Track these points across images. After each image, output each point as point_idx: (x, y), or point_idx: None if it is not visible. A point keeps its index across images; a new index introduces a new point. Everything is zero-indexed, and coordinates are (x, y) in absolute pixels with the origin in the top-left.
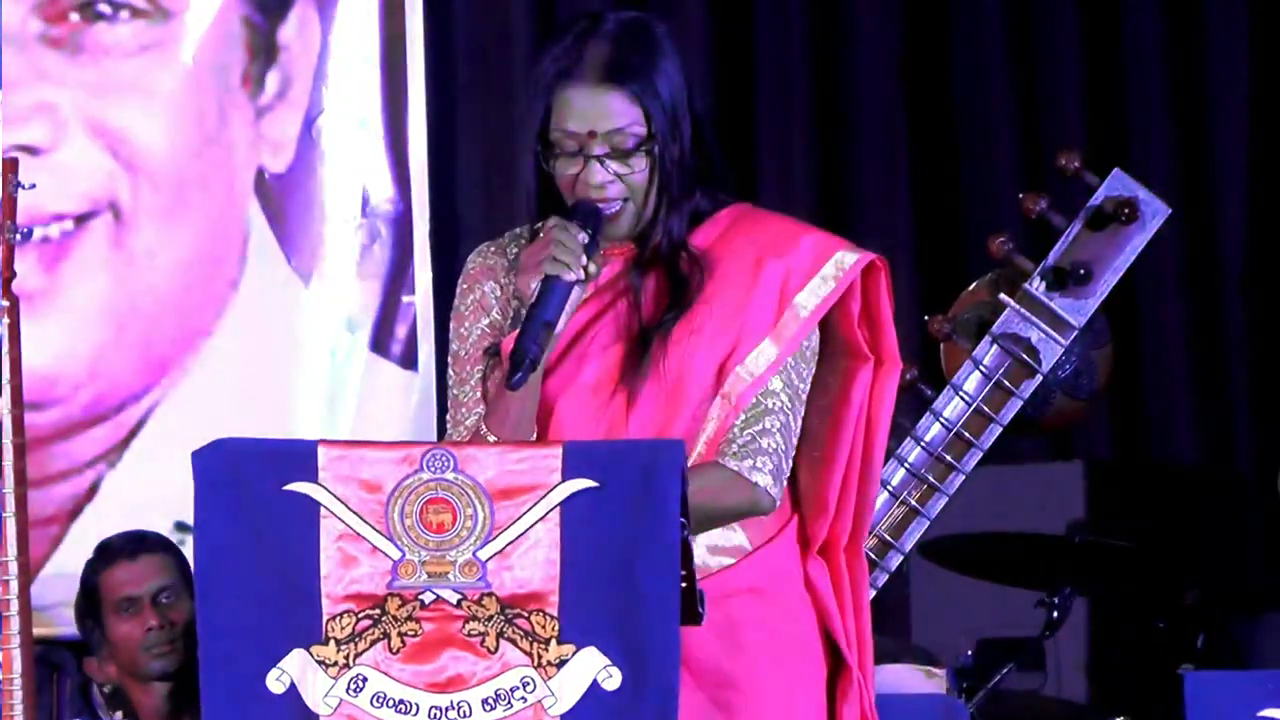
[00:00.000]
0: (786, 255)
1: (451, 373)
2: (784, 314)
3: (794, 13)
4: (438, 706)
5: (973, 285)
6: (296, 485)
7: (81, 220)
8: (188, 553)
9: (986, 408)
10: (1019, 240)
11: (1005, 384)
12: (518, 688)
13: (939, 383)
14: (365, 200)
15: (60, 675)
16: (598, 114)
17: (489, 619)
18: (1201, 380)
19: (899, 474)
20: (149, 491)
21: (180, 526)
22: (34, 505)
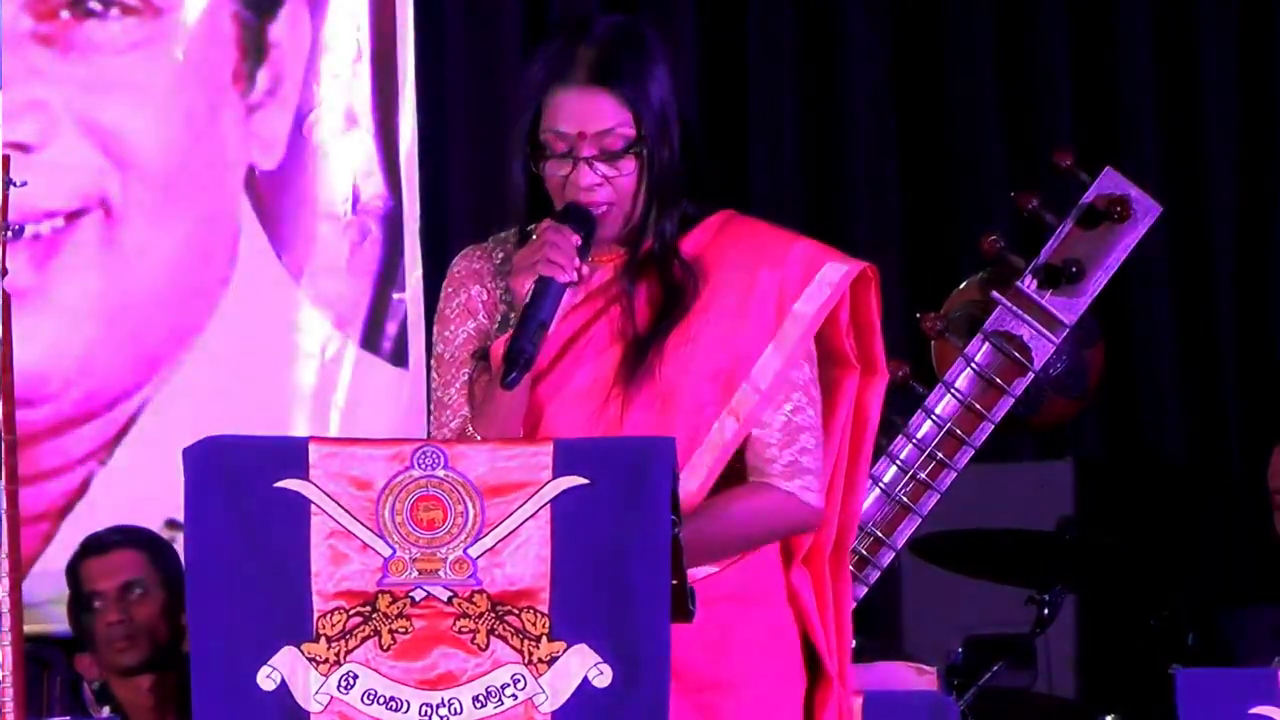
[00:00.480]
0: (780, 264)
1: (435, 375)
2: (784, 322)
3: (785, 12)
4: (428, 704)
5: (964, 283)
6: (287, 482)
7: (72, 217)
8: (180, 550)
9: (978, 405)
10: (1011, 238)
11: (997, 382)
12: (508, 685)
13: (930, 381)
14: (356, 198)
15: (50, 672)
16: (587, 115)
17: (480, 616)
18: (1192, 379)
19: (891, 471)
20: (140, 489)
21: (171, 524)
22: (25, 503)
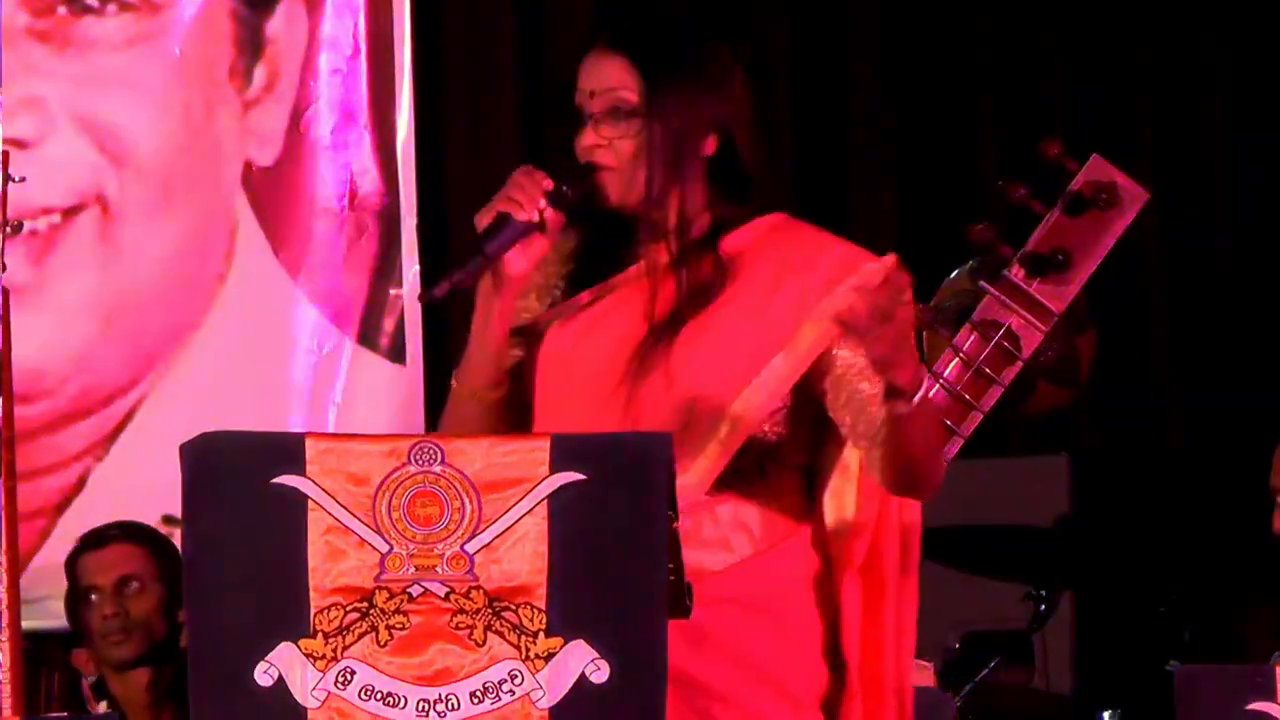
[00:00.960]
0: (810, 268)
1: None
2: (802, 326)
3: (782, 6)
4: (425, 699)
5: (954, 273)
6: (284, 478)
7: (69, 214)
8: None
9: (968, 396)
10: (999, 228)
11: (986, 371)
12: (505, 680)
13: None
14: (353, 194)
15: (48, 668)
16: (595, 74)
17: (477, 612)
18: (1188, 372)
19: None
20: (137, 484)
21: (168, 519)
22: (21, 499)
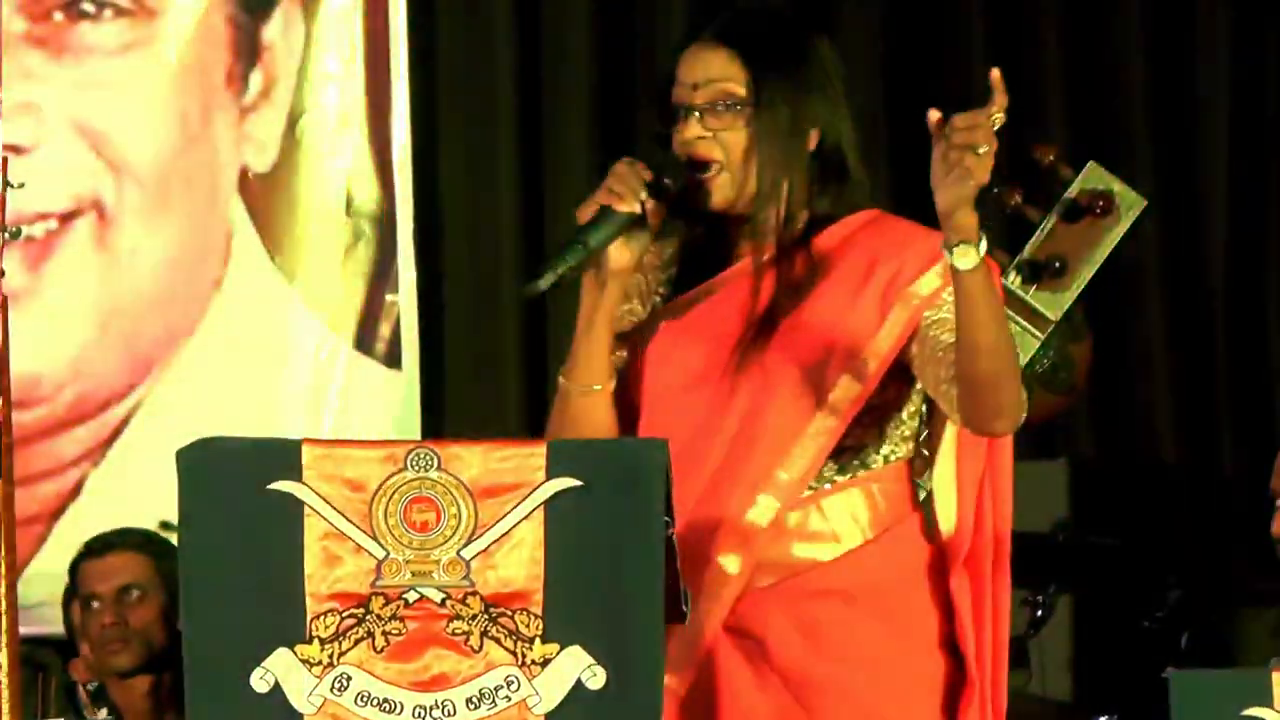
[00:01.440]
0: (899, 254)
1: None
2: (893, 309)
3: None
4: (422, 705)
5: None
6: (280, 484)
7: (65, 219)
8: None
9: None
10: (996, 235)
11: None
12: (502, 687)
13: None
14: (349, 199)
15: (45, 675)
16: (700, 67)
17: (473, 618)
18: (1184, 377)
19: None
20: (133, 490)
21: (165, 525)
22: (18, 505)
